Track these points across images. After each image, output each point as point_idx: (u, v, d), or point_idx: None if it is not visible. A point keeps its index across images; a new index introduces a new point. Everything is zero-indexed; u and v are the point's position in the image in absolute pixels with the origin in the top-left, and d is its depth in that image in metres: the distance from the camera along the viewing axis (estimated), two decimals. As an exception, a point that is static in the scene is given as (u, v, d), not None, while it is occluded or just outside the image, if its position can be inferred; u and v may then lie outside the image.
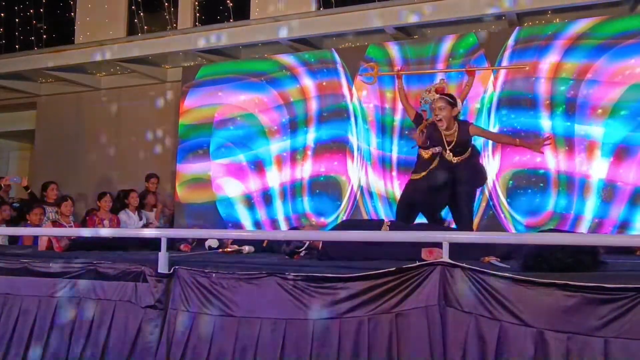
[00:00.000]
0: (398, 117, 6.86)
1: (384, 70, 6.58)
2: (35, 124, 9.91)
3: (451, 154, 4.51)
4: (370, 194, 6.86)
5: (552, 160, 6.16)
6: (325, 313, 3.03)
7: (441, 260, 2.92)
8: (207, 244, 5.34)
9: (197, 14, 8.51)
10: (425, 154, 4.83)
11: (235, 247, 4.97)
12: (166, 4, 8.55)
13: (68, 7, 9.34)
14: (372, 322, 2.93)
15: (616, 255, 4.07)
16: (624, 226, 5.82)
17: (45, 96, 9.78)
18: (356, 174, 7.00)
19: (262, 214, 7.52)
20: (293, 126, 7.42)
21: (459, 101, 4.58)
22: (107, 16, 8.94)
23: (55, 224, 5.54)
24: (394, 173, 6.82)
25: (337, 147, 7.16)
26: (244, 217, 7.59)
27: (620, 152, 5.89)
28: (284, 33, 7.34)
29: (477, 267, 2.86)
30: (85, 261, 3.76)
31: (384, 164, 6.90)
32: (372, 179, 6.88)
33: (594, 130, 6.00)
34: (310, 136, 7.31)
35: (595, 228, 5.90)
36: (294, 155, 7.40)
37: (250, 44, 7.75)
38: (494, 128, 6.37)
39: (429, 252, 3.64)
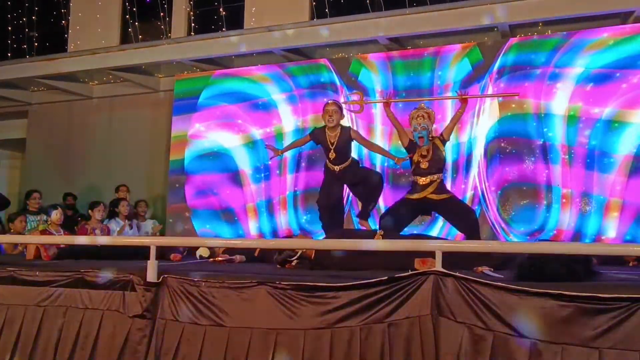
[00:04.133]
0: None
1: (373, 98, 6.81)
2: (26, 132, 9.84)
3: (334, 163, 5.06)
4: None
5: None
6: (316, 323, 2.99)
7: (434, 269, 2.89)
8: (198, 253, 5.29)
9: (191, 24, 8.51)
10: (424, 181, 4.81)
11: (227, 256, 4.92)
12: (161, 13, 8.54)
13: (61, 15, 9.31)
14: (364, 331, 2.90)
15: (609, 265, 4.06)
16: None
17: (36, 104, 9.71)
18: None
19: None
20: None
21: (345, 110, 5.26)
22: (100, 25, 8.92)
23: (45, 232, 5.45)
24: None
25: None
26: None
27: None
28: (276, 43, 7.34)
29: (470, 276, 2.83)
30: (73, 270, 3.70)
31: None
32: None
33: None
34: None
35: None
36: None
37: (244, 54, 7.74)
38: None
39: (422, 262, 3.61)
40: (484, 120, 6.59)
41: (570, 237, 6.02)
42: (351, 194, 5.70)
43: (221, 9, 8.20)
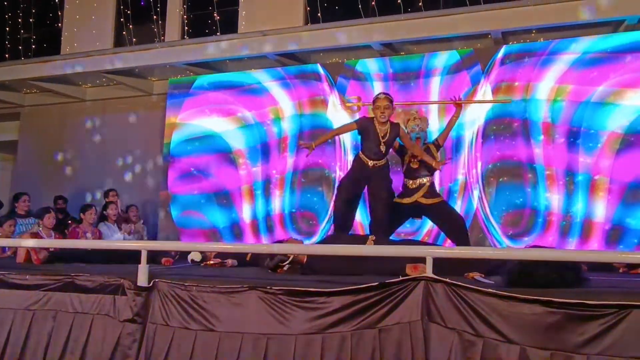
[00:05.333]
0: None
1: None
2: (18, 134, 9.79)
3: (372, 157, 4.68)
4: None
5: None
6: (307, 328, 2.98)
7: (425, 275, 2.90)
8: (189, 257, 5.28)
9: (185, 27, 8.51)
10: (413, 184, 4.86)
11: (218, 260, 4.91)
12: (154, 16, 8.53)
13: (55, 18, 9.29)
14: (355, 337, 2.90)
15: (599, 272, 4.08)
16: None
17: (29, 107, 9.67)
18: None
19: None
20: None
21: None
22: (95, 28, 8.90)
23: (36, 235, 5.42)
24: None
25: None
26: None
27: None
28: (271, 47, 7.35)
29: (461, 282, 2.84)
30: (63, 273, 3.68)
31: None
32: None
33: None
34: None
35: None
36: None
37: (237, 58, 7.75)
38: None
39: (413, 268, 3.62)
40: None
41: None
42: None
43: (215, 14, 8.20)
